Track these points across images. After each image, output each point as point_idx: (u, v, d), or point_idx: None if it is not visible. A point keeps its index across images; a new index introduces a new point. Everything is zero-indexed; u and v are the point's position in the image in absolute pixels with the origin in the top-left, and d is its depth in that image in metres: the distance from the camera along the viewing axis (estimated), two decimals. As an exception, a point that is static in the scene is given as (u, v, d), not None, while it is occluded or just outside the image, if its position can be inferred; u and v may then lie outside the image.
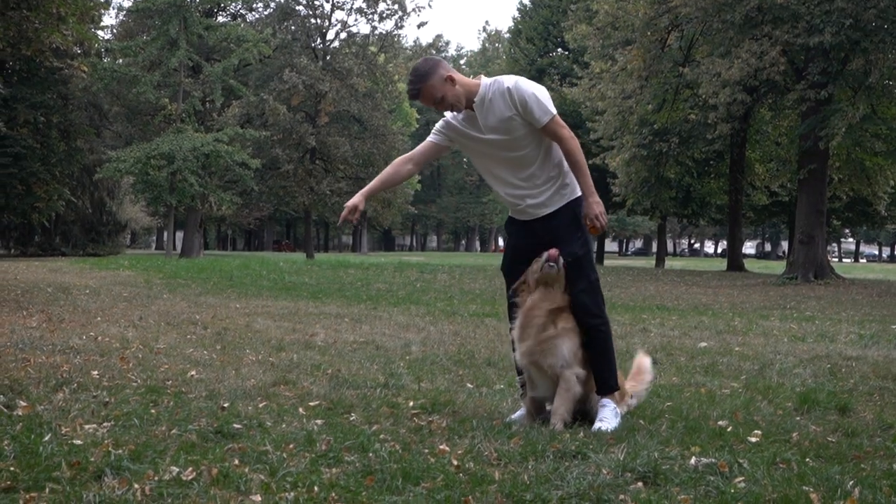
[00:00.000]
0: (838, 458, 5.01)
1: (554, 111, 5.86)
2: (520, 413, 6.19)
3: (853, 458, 5.02)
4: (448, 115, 6.10)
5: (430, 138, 6.22)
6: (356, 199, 6.12)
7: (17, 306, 14.25)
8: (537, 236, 6.07)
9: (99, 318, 12.66)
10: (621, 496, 4.16)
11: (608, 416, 5.92)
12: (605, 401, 6.05)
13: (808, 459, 4.94)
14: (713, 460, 4.74)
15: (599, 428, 5.75)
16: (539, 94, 5.83)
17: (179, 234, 66.61)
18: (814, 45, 26.62)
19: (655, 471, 4.50)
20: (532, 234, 6.12)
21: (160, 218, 72.20)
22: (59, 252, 50.99)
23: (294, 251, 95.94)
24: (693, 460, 4.76)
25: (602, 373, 6.09)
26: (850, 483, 4.35)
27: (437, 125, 6.19)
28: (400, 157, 6.40)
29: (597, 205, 5.92)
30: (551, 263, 5.88)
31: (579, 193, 6.02)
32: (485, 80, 5.94)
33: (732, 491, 4.23)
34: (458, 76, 5.87)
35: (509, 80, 5.87)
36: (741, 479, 4.44)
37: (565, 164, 6.01)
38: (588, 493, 4.16)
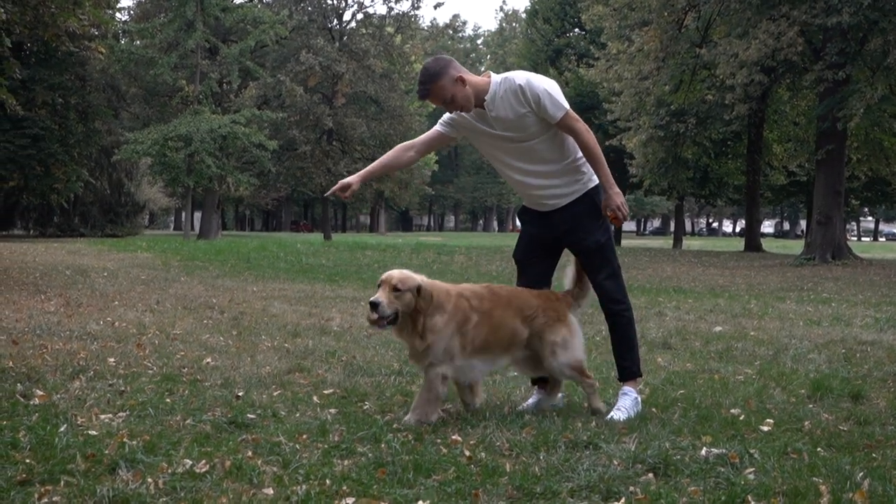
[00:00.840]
0: (850, 448, 5.02)
1: (567, 106, 5.80)
2: (532, 400, 6.22)
3: (865, 448, 5.03)
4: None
5: (437, 127, 6.20)
6: (352, 178, 6.17)
7: (36, 290, 14.34)
8: (555, 226, 6.09)
9: (116, 303, 12.73)
10: (631, 488, 4.18)
11: (624, 406, 5.91)
12: (627, 389, 6.07)
13: (819, 449, 4.96)
14: (724, 451, 4.76)
15: (612, 416, 5.76)
16: (551, 89, 5.79)
17: (197, 215, 66.71)
18: (831, 26, 26.46)
19: (666, 462, 4.52)
20: (549, 224, 6.12)
21: (178, 199, 72.31)
22: (77, 233, 51.17)
23: (312, 231, 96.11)
24: (704, 451, 4.78)
25: (622, 359, 6.13)
26: (860, 475, 4.35)
27: (446, 116, 6.15)
28: (402, 144, 6.40)
29: (617, 195, 5.90)
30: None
31: (596, 181, 6.00)
32: (495, 78, 5.91)
33: (742, 482, 4.24)
34: (468, 76, 5.83)
35: (520, 78, 5.83)
36: (751, 469, 4.46)
37: (580, 153, 5.97)
38: (598, 486, 4.18)
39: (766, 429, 5.46)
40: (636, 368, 6.14)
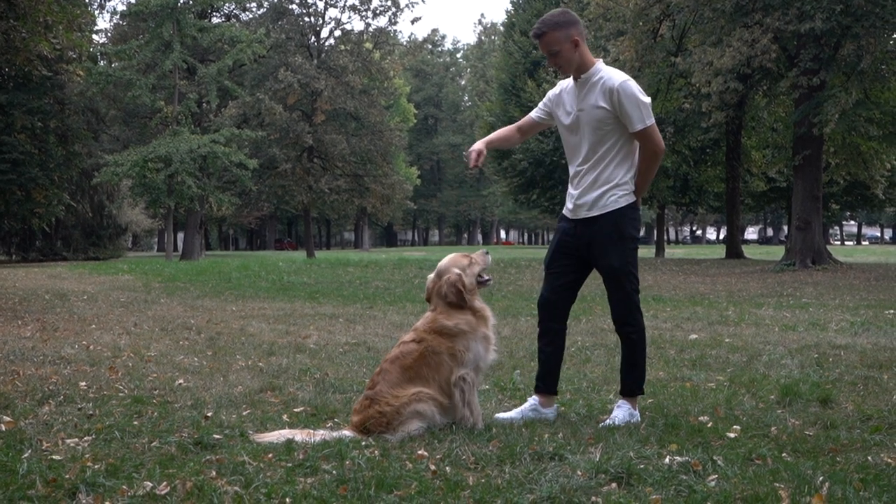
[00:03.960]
0: (814, 452, 5.07)
1: (648, 122, 5.98)
2: (517, 411, 6.30)
3: (829, 452, 5.08)
4: (557, 86, 6.38)
5: (532, 113, 6.57)
6: (478, 144, 6.39)
7: (13, 315, 14.29)
8: (579, 236, 6.23)
9: (94, 326, 12.70)
10: (593, 498, 4.20)
11: (617, 417, 6.06)
12: (622, 402, 6.21)
13: (784, 454, 5.00)
14: (688, 459, 4.79)
15: (603, 424, 5.93)
16: (642, 100, 5.97)
17: (180, 236, 66.63)
18: (805, 32, 26.58)
19: (629, 471, 4.54)
20: (574, 233, 6.26)
21: (160, 220, 72.20)
22: (60, 257, 51.17)
23: (296, 249, 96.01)
24: (668, 459, 4.81)
25: (625, 375, 6.25)
26: (821, 479, 4.38)
27: (541, 103, 6.52)
28: (511, 125, 6.70)
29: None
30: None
31: (624, 204, 6.10)
32: (600, 65, 6.12)
33: (703, 489, 4.26)
34: (582, 45, 6.07)
35: (620, 79, 5.99)
36: (714, 476, 4.48)
37: (627, 176, 6.12)
38: (559, 497, 4.19)
39: (732, 435, 5.49)
40: (636, 387, 6.23)
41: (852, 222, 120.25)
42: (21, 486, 4.26)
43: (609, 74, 6.02)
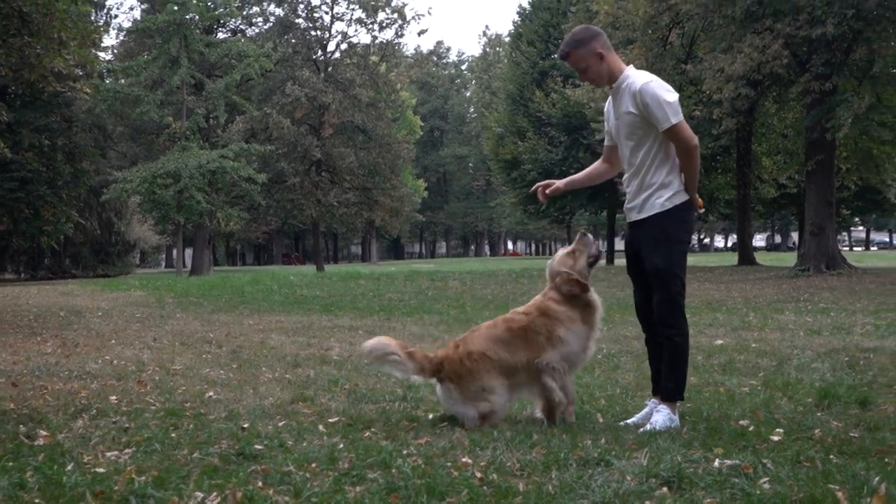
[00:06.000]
0: (862, 454, 5.00)
1: (674, 120, 5.98)
2: (645, 410, 6.38)
3: (877, 453, 5.01)
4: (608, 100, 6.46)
5: (606, 142, 6.60)
6: (559, 182, 6.63)
7: (31, 332, 14.26)
8: (634, 239, 6.36)
9: (113, 341, 12.66)
10: (647, 503, 4.15)
11: (656, 422, 6.04)
12: (662, 406, 6.18)
13: (831, 456, 4.93)
14: (737, 462, 4.73)
15: (646, 427, 5.94)
16: (664, 99, 5.98)
17: (188, 252, 66.62)
18: (816, 37, 26.53)
19: (680, 475, 4.48)
20: (632, 237, 6.40)
21: (169, 236, 72.21)
22: (69, 274, 51.11)
23: (304, 263, 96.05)
24: (717, 462, 4.75)
25: (666, 380, 6.22)
26: (876, 479, 4.32)
27: (605, 125, 6.59)
28: (599, 161, 6.78)
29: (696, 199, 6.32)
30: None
31: (669, 206, 6.14)
32: (628, 71, 6.19)
33: (758, 492, 4.21)
34: (608, 55, 6.16)
35: (642, 80, 6.05)
36: (766, 479, 4.43)
37: (668, 177, 6.16)
38: (614, 501, 4.15)
39: (776, 438, 5.44)
40: (677, 392, 6.20)
41: (860, 228, 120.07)
42: (70, 499, 4.22)
43: (634, 78, 6.09)
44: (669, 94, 6.01)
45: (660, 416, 6.08)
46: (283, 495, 4.29)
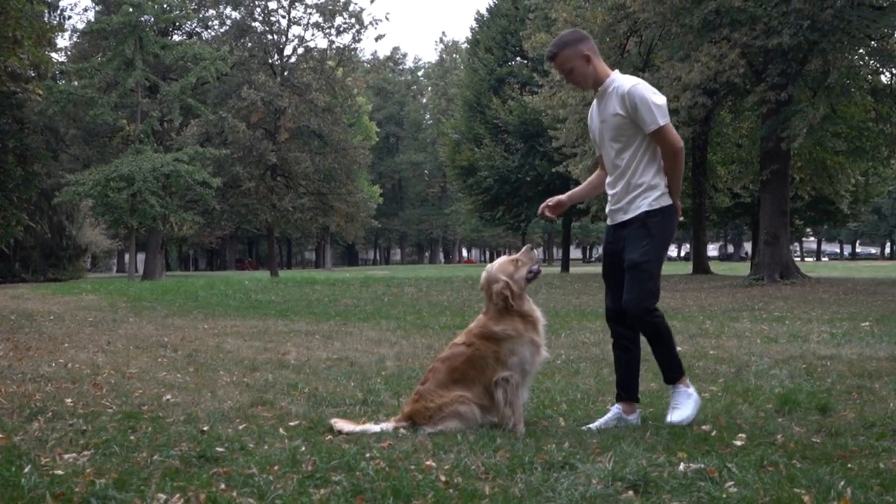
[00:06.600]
0: (825, 459, 5.01)
1: (662, 122, 6.06)
2: (601, 421, 6.37)
3: (839, 458, 5.02)
4: (591, 108, 6.58)
5: (596, 149, 6.66)
6: (562, 197, 6.63)
7: (-18, 335, 14.05)
8: (616, 242, 6.40)
9: (66, 345, 12.49)
10: (614, 506, 4.13)
11: (680, 403, 6.31)
12: (673, 392, 6.44)
13: (794, 461, 4.95)
14: (702, 466, 4.74)
15: (670, 419, 6.19)
16: (653, 101, 6.07)
17: (141, 257, 66.08)
18: (772, 47, 26.77)
19: (645, 479, 4.48)
20: (615, 238, 6.43)
21: (121, 241, 71.66)
22: (18, 278, 50.49)
23: (257, 269, 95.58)
24: (682, 466, 4.75)
25: (663, 364, 6.51)
26: (842, 483, 4.34)
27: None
28: (597, 171, 6.82)
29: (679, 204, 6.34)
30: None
31: (652, 208, 6.20)
32: (614, 75, 6.28)
33: (724, 496, 4.21)
34: (595, 59, 6.26)
35: (630, 83, 6.15)
36: (731, 483, 4.43)
37: (657, 178, 6.23)
38: (581, 504, 4.12)
39: (738, 443, 5.46)
40: (675, 371, 6.44)
41: (812, 238, 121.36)
42: (30, 501, 4.13)
43: (621, 81, 6.19)
44: (657, 97, 6.11)
45: (679, 395, 6.36)
46: (248, 497, 4.23)
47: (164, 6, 52.41)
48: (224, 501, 4.15)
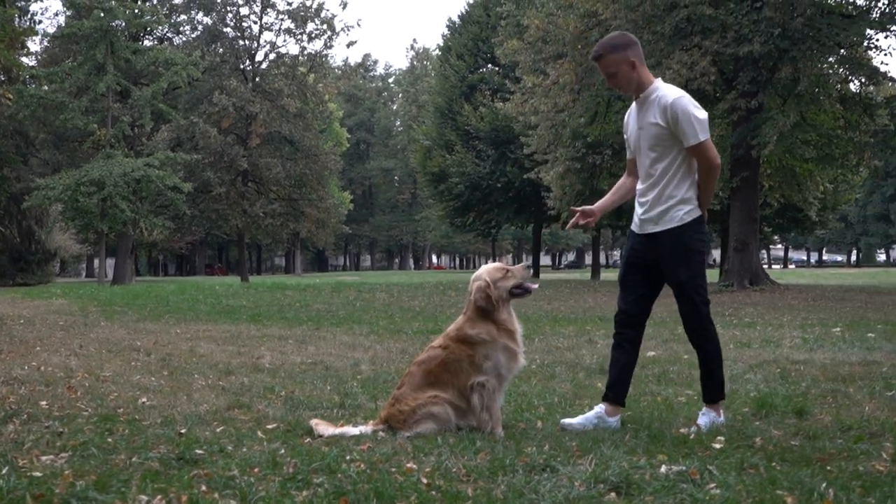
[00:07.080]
0: (805, 462, 5.04)
1: (703, 137, 6.07)
2: (582, 418, 6.40)
3: (819, 461, 5.04)
4: (627, 112, 6.56)
5: (627, 153, 6.65)
6: (593, 207, 6.60)
7: (-48, 339, 13.92)
8: (645, 252, 6.39)
9: (38, 348, 12.40)
10: (597, 508, 4.13)
11: (703, 422, 6.25)
12: (705, 409, 6.42)
13: (774, 464, 4.97)
14: (683, 468, 4.75)
15: (691, 429, 6.12)
16: (695, 115, 6.07)
17: (110, 262, 65.69)
18: (743, 55, 26.91)
19: (627, 481, 4.49)
20: (642, 247, 6.42)
21: (90, 245, 71.24)
22: (-14, 283, 50.05)
23: (227, 274, 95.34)
24: (663, 468, 4.76)
25: (705, 384, 6.47)
26: (823, 485, 4.36)
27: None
28: (623, 177, 6.77)
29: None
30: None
31: (686, 221, 6.23)
32: (657, 83, 6.26)
33: (707, 498, 4.22)
34: (640, 66, 6.22)
35: (674, 95, 6.14)
36: (713, 485, 4.44)
37: (688, 193, 6.24)
38: (564, 506, 4.12)
39: (718, 446, 5.48)
40: (717, 393, 6.45)
41: (779, 246, 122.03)
42: (10, 502, 4.10)
43: (665, 91, 6.18)
44: (700, 112, 6.10)
45: (705, 418, 6.28)
46: (230, 499, 4.21)
47: (136, 11, 52.09)
48: (206, 503, 4.12)
